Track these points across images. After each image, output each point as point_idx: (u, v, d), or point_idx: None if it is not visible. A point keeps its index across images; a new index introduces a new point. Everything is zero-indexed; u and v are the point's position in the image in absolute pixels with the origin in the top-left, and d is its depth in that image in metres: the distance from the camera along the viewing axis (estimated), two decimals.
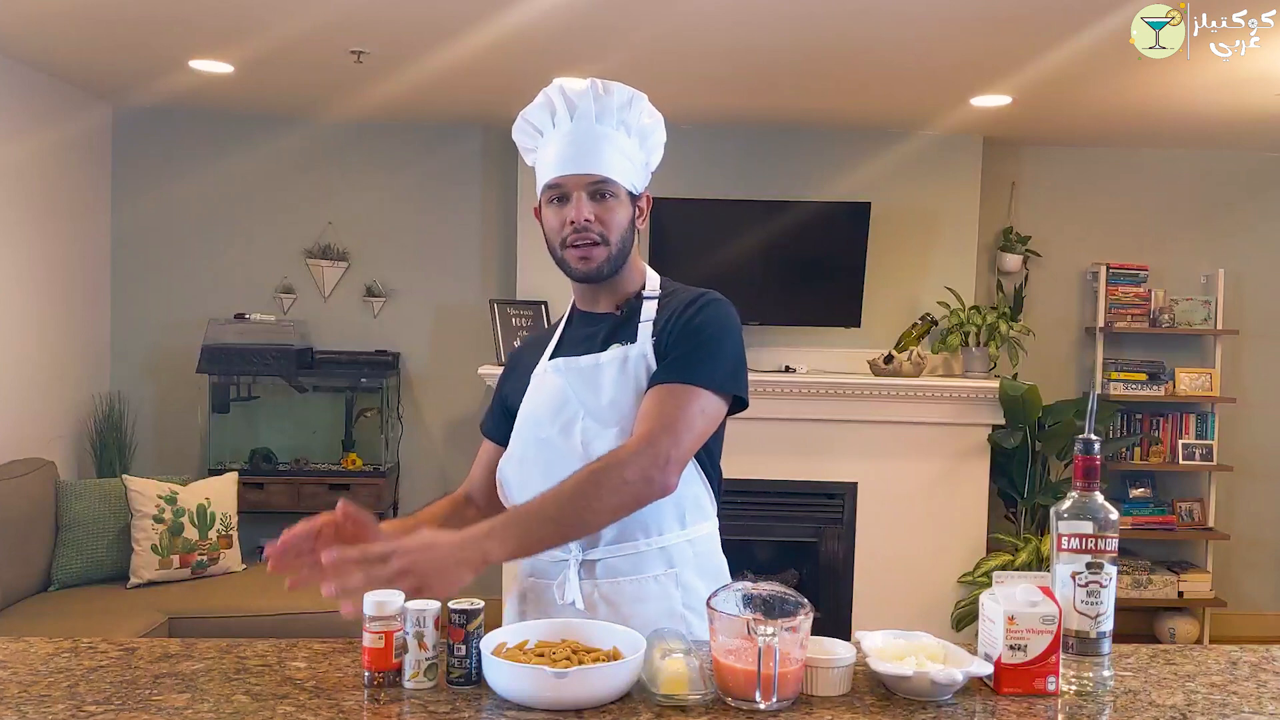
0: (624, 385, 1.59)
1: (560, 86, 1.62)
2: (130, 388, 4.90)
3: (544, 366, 1.68)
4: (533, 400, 1.67)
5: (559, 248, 1.63)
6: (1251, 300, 5.11)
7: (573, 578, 1.58)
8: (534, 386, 1.68)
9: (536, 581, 1.64)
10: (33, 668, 1.39)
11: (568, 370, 1.63)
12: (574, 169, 1.60)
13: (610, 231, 1.61)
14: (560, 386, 1.63)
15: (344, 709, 1.26)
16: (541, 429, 1.63)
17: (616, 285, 1.68)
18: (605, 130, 1.62)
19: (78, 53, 3.94)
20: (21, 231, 4.17)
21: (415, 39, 3.55)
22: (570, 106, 1.62)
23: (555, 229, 1.63)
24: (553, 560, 1.60)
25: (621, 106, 1.63)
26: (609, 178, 1.61)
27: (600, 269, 1.62)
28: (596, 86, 1.62)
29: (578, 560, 1.58)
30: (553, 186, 1.62)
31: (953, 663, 1.36)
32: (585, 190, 1.60)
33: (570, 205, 1.60)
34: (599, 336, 1.66)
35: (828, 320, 4.79)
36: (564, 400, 1.62)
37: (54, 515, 3.93)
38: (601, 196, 1.61)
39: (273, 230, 4.97)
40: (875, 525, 4.61)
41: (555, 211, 1.63)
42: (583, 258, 1.61)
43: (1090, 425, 1.43)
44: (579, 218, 1.59)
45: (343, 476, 4.66)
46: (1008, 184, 5.08)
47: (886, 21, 3.25)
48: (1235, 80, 3.72)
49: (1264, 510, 5.17)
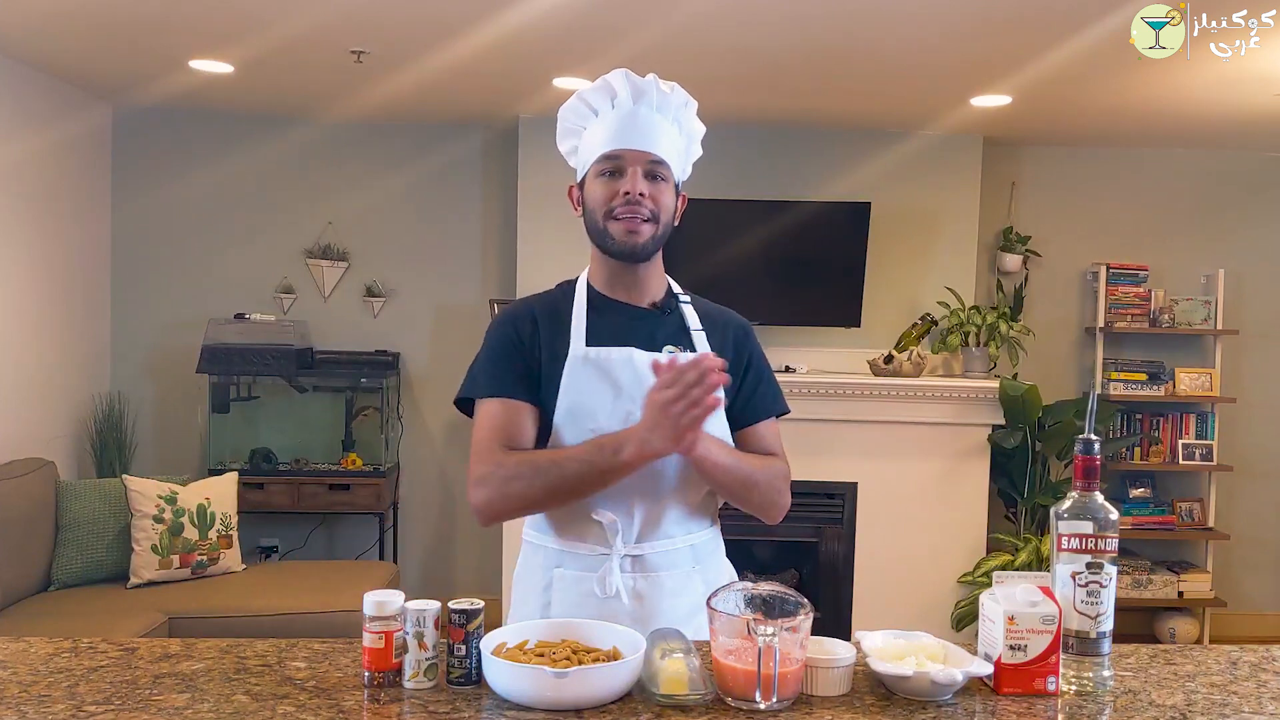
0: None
1: (625, 73, 1.64)
2: (130, 388, 4.91)
3: (603, 354, 1.61)
4: (585, 388, 1.60)
5: (603, 219, 1.62)
6: (1251, 300, 5.11)
7: (615, 570, 1.59)
8: (584, 373, 1.60)
9: (567, 573, 1.63)
10: (33, 668, 1.39)
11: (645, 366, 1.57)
12: (634, 144, 1.61)
13: (661, 211, 1.63)
14: (618, 378, 1.59)
15: (344, 709, 1.26)
16: (603, 420, 1.59)
17: (646, 278, 1.68)
18: (663, 120, 1.65)
19: (78, 53, 3.94)
20: (21, 231, 4.17)
21: (415, 39, 3.55)
22: (635, 91, 1.64)
23: (603, 200, 1.62)
24: (592, 554, 1.61)
25: (679, 105, 1.67)
26: (666, 160, 1.63)
27: (645, 246, 1.62)
28: (659, 81, 1.65)
29: (620, 554, 1.60)
30: (610, 158, 1.62)
31: (953, 663, 1.36)
32: (642, 166, 1.61)
33: (624, 179, 1.61)
34: (647, 332, 1.65)
35: (828, 320, 4.79)
36: (617, 391, 1.60)
37: (54, 515, 3.93)
38: (655, 177, 1.62)
39: (273, 230, 4.97)
40: (875, 525, 4.61)
41: (606, 184, 1.62)
42: (630, 230, 1.61)
43: (1090, 425, 1.43)
44: (634, 190, 1.60)
45: (343, 476, 4.66)
46: (1008, 184, 5.08)
47: (886, 22, 3.25)
48: (1235, 80, 3.72)
49: (1264, 510, 5.17)
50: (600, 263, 1.69)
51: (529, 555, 1.70)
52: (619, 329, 1.65)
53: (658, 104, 1.64)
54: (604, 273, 1.69)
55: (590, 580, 1.60)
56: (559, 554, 1.64)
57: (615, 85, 1.64)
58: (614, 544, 1.60)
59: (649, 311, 1.68)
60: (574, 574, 1.62)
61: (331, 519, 4.96)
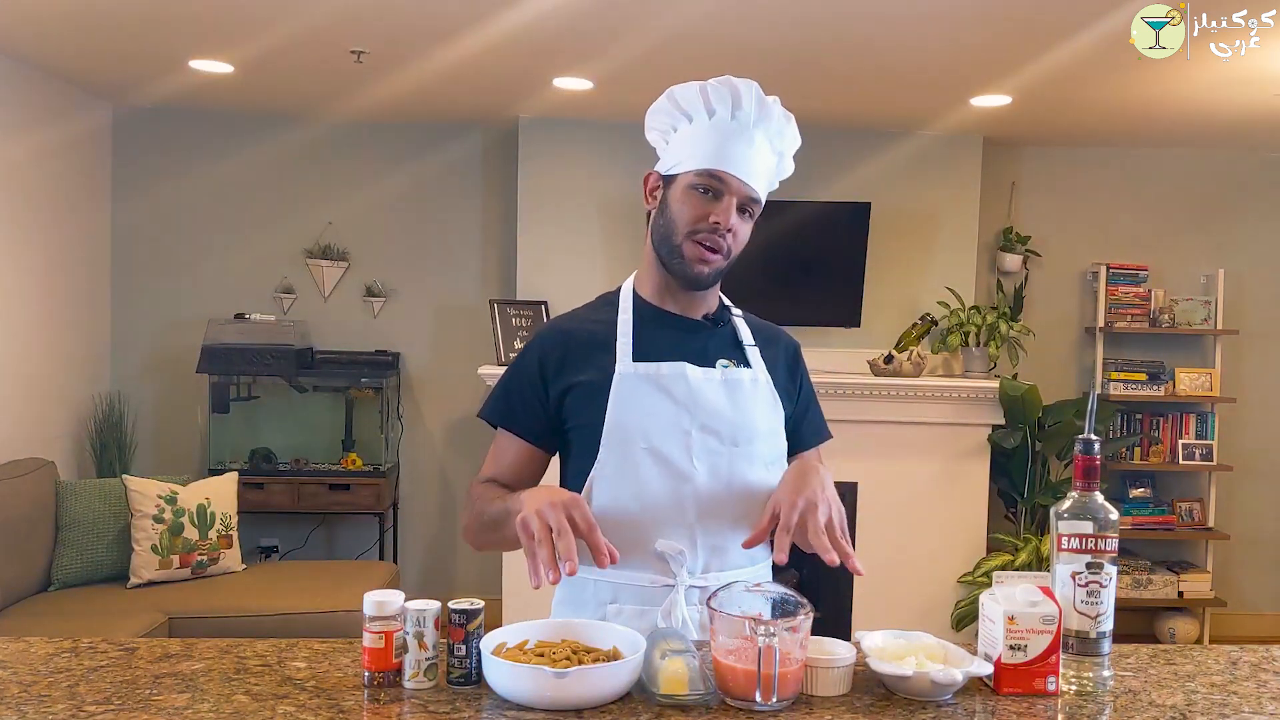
0: (752, 408, 1.58)
1: (728, 78, 1.55)
2: (130, 388, 4.91)
3: (653, 370, 1.54)
4: (634, 406, 1.53)
5: (682, 235, 1.54)
6: (1251, 300, 5.11)
7: (680, 602, 1.50)
8: (633, 390, 1.53)
9: (625, 608, 1.53)
10: (33, 668, 1.39)
11: (700, 384, 1.54)
12: (743, 174, 1.53)
13: (736, 249, 1.57)
14: (671, 395, 1.54)
15: (344, 709, 1.26)
16: (656, 439, 1.53)
17: (703, 291, 1.62)
18: (761, 140, 1.57)
19: (78, 53, 3.94)
20: (21, 231, 4.17)
21: (415, 39, 3.55)
22: (760, 111, 1.56)
23: (690, 219, 1.53)
24: (654, 586, 1.52)
25: (780, 119, 1.59)
26: (761, 200, 1.57)
27: (709, 278, 1.57)
28: (757, 89, 1.56)
29: (685, 585, 1.51)
30: (713, 176, 1.53)
31: (953, 663, 1.36)
32: (740, 198, 1.54)
33: (721, 205, 1.53)
34: (700, 345, 1.59)
35: (828, 320, 4.79)
36: (671, 409, 1.54)
37: (54, 515, 3.93)
38: (745, 212, 1.56)
39: (273, 230, 4.97)
40: (875, 525, 4.61)
41: (700, 201, 1.53)
42: (703, 260, 1.54)
43: (1090, 425, 1.43)
44: (725, 221, 1.52)
45: (343, 476, 4.66)
46: (1008, 184, 5.08)
47: (887, 21, 3.25)
48: (1235, 80, 3.72)
49: (1264, 510, 5.17)
50: (655, 271, 1.61)
51: (575, 589, 1.58)
52: (671, 342, 1.58)
53: (755, 118, 1.55)
54: (657, 282, 1.62)
55: (653, 614, 1.50)
56: (614, 588, 1.54)
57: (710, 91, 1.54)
58: (679, 575, 1.51)
59: (701, 324, 1.62)
60: (633, 609, 1.52)
61: (331, 519, 4.96)
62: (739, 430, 1.55)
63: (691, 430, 1.52)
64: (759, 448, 1.58)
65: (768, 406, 1.60)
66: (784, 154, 1.63)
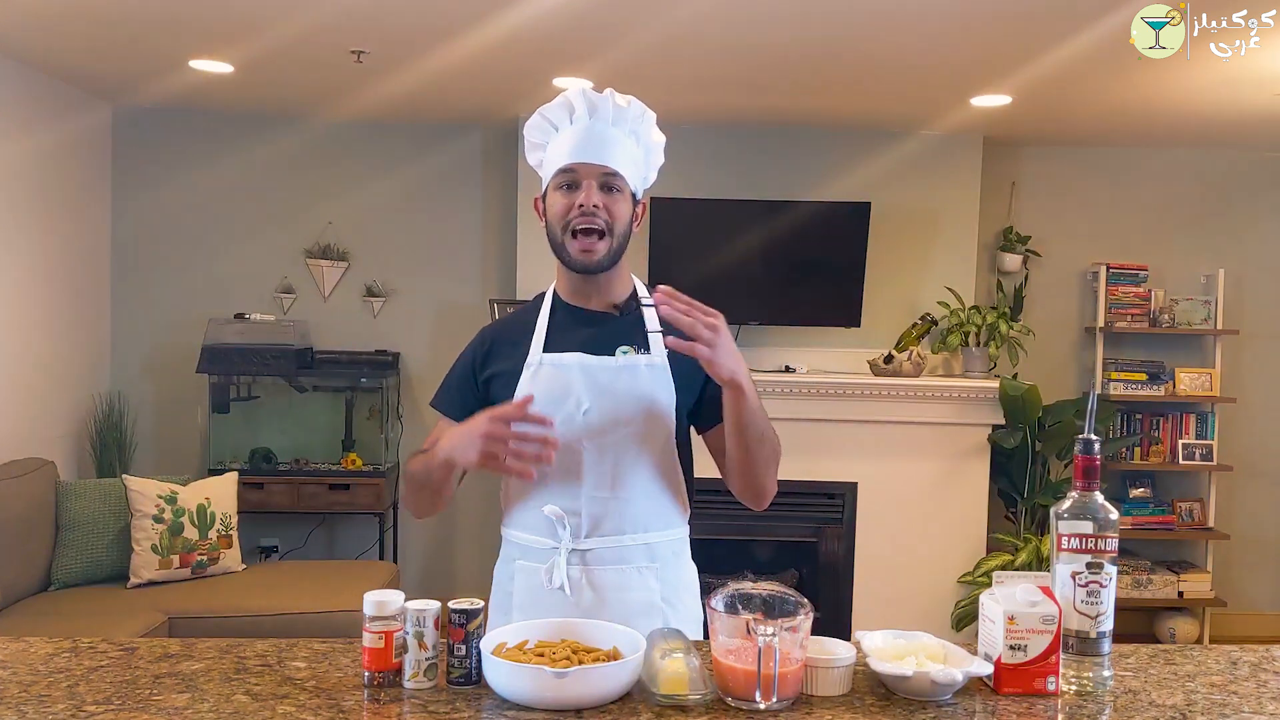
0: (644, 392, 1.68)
1: (582, 90, 1.71)
2: (130, 388, 4.91)
3: (556, 359, 1.70)
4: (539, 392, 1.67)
5: (561, 232, 1.68)
6: (1251, 300, 5.11)
7: (561, 564, 1.66)
8: (539, 378, 1.69)
9: (526, 564, 1.72)
10: (33, 668, 1.39)
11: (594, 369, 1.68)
12: (588, 158, 1.67)
13: (615, 222, 1.68)
14: (569, 381, 1.68)
15: (344, 709, 1.26)
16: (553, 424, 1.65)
17: (609, 284, 1.74)
18: (619, 134, 1.70)
19: (78, 53, 3.94)
20: (21, 231, 4.17)
21: (415, 39, 3.55)
22: (590, 107, 1.70)
23: (560, 214, 1.68)
24: (543, 547, 1.69)
25: (635, 117, 1.72)
26: (619, 171, 1.68)
27: (600, 261, 1.68)
28: (615, 95, 1.71)
29: (568, 548, 1.66)
30: (565, 171, 1.68)
31: (953, 663, 1.36)
32: (596, 179, 1.67)
33: (580, 191, 1.66)
34: (602, 337, 1.71)
35: (828, 320, 4.79)
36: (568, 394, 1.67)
37: (54, 515, 3.93)
38: (610, 189, 1.68)
39: (273, 230, 4.97)
40: (875, 525, 4.61)
41: (563, 196, 1.68)
42: (585, 250, 1.67)
43: (1090, 425, 1.43)
44: (588, 202, 1.65)
45: (343, 476, 4.66)
46: (1008, 184, 5.08)
47: (886, 21, 3.25)
48: (1235, 80, 3.72)
49: (1264, 510, 5.17)
50: (563, 272, 1.76)
51: (504, 548, 1.80)
52: (576, 334, 1.72)
53: (613, 118, 1.70)
54: (567, 281, 1.76)
55: (540, 572, 1.68)
56: (519, 547, 1.74)
57: (573, 101, 1.70)
58: (561, 537, 1.66)
59: (607, 315, 1.74)
60: (530, 565, 1.71)
61: (331, 519, 4.96)
62: (626, 410, 1.68)
63: (581, 412, 1.66)
64: (646, 427, 1.69)
65: (663, 389, 1.69)
66: (651, 147, 1.76)
